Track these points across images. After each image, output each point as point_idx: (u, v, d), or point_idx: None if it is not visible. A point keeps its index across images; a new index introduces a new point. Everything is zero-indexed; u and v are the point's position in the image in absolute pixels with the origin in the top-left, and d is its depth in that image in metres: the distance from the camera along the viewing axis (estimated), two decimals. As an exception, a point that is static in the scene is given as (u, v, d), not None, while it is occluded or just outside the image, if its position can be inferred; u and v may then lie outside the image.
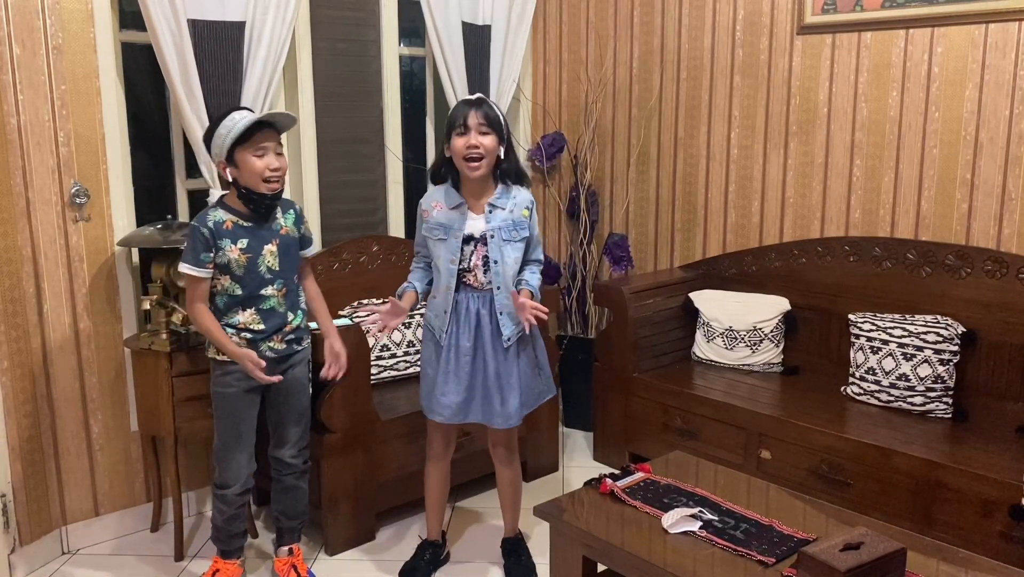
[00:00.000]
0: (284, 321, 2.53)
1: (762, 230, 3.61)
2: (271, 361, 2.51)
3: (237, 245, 2.44)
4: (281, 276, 2.51)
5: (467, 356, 2.49)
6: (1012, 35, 2.87)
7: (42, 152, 2.73)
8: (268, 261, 2.48)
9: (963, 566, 1.94)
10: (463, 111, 2.40)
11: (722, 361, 3.47)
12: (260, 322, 2.49)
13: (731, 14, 3.58)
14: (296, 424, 2.65)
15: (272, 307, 2.50)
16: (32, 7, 2.65)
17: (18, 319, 2.73)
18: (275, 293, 2.50)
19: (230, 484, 2.57)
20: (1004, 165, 2.94)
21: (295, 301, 2.58)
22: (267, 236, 2.49)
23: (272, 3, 2.97)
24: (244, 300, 2.47)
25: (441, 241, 2.48)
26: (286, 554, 2.73)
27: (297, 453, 2.67)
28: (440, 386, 2.51)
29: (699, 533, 2.05)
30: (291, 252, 2.55)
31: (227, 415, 2.55)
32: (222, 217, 2.45)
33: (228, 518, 2.61)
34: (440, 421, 2.55)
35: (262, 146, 2.39)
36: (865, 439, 2.73)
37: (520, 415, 2.54)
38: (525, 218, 2.51)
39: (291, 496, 2.70)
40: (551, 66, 4.21)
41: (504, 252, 2.47)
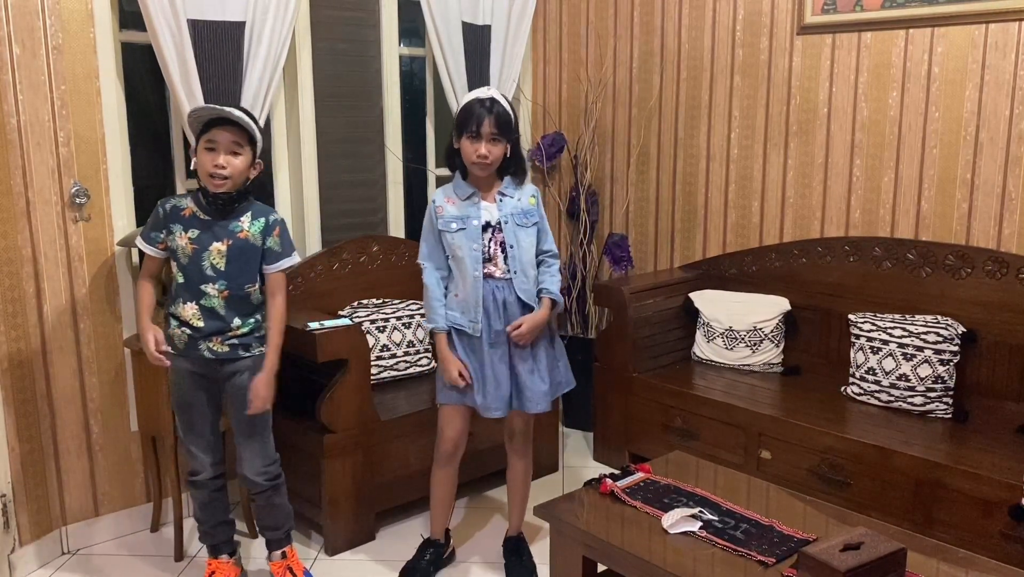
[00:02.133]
0: (226, 325, 2.45)
1: (762, 230, 3.61)
2: (210, 362, 2.46)
3: (187, 234, 2.42)
4: (225, 278, 2.43)
5: (503, 346, 2.52)
6: (1012, 35, 2.87)
7: (42, 152, 2.73)
8: (213, 259, 2.42)
9: (963, 566, 1.94)
10: (478, 114, 2.41)
11: (722, 361, 3.47)
12: (199, 319, 2.43)
13: (731, 14, 3.58)
14: (250, 438, 2.54)
15: (213, 307, 2.43)
16: (32, 7, 2.65)
17: (18, 319, 2.73)
18: (215, 293, 2.43)
19: (197, 471, 2.57)
20: (1004, 165, 2.94)
21: (243, 310, 2.47)
22: (220, 234, 2.43)
23: (272, 3, 2.97)
24: (186, 292, 2.44)
25: (461, 231, 2.50)
26: (280, 558, 2.70)
27: (261, 470, 2.56)
28: (491, 381, 2.53)
29: (699, 533, 2.05)
30: (244, 258, 2.45)
31: (179, 406, 2.55)
32: (184, 204, 2.44)
33: (202, 505, 2.60)
34: (499, 416, 2.55)
35: (212, 140, 2.34)
36: (865, 439, 2.73)
37: (549, 400, 2.58)
38: (532, 206, 2.58)
39: (267, 513, 2.64)
40: (551, 66, 4.21)
41: (519, 237, 2.52)
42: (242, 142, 2.37)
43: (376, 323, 3.25)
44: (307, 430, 2.87)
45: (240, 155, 2.37)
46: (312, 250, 3.42)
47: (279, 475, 2.62)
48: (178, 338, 2.46)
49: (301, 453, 2.91)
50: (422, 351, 3.37)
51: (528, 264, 2.55)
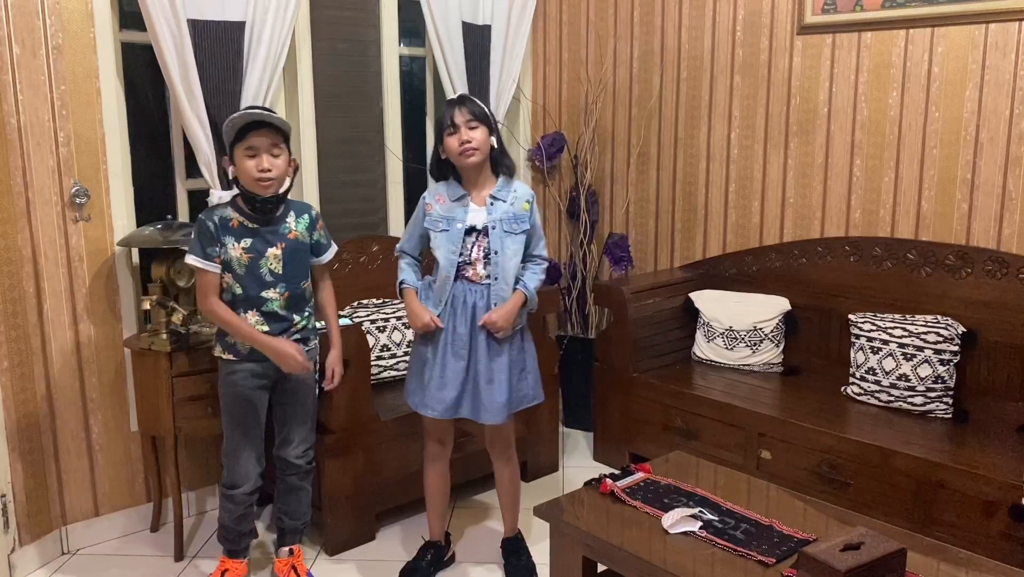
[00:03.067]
0: (289, 323, 2.52)
1: (762, 230, 3.61)
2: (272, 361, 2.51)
3: (240, 244, 2.44)
4: (284, 280, 2.49)
5: (463, 349, 2.49)
6: (1012, 35, 2.87)
7: (42, 152, 2.73)
8: (271, 264, 2.47)
9: (963, 566, 1.94)
10: (449, 112, 2.45)
11: (722, 361, 3.47)
12: (264, 323, 2.48)
13: (731, 14, 3.58)
14: (301, 424, 2.64)
15: (274, 310, 2.49)
16: (32, 7, 2.65)
17: (18, 319, 2.73)
18: (277, 296, 2.49)
19: (239, 484, 2.57)
20: (1004, 165, 2.94)
21: (301, 305, 2.55)
22: (272, 239, 2.47)
23: (272, 3, 2.97)
24: (245, 300, 2.46)
25: (443, 232, 2.49)
26: (286, 555, 2.73)
27: (302, 453, 2.66)
28: (436, 380, 2.51)
29: (699, 533, 2.05)
30: (298, 257, 2.53)
31: (235, 415, 2.54)
32: (229, 215, 2.45)
33: (237, 518, 2.61)
34: (433, 416, 2.53)
35: (252, 145, 2.36)
36: (865, 439, 2.73)
37: (506, 412, 2.53)
38: (525, 212, 2.53)
39: (295, 496, 2.69)
40: (551, 66, 4.21)
41: (505, 244, 2.48)
42: (279, 142, 2.41)
43: (376, 323, 3.25)
44: (307, 430, 2.87)
45: (280, 155, 2.41)
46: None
47: (314, 459, 2.70)
48: (241, 344, 2.48)
49: (301, 453, 2.91)
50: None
51: (511, 271, 2.50)
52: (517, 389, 2.57)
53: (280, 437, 2.66)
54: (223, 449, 2.59)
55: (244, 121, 2.36)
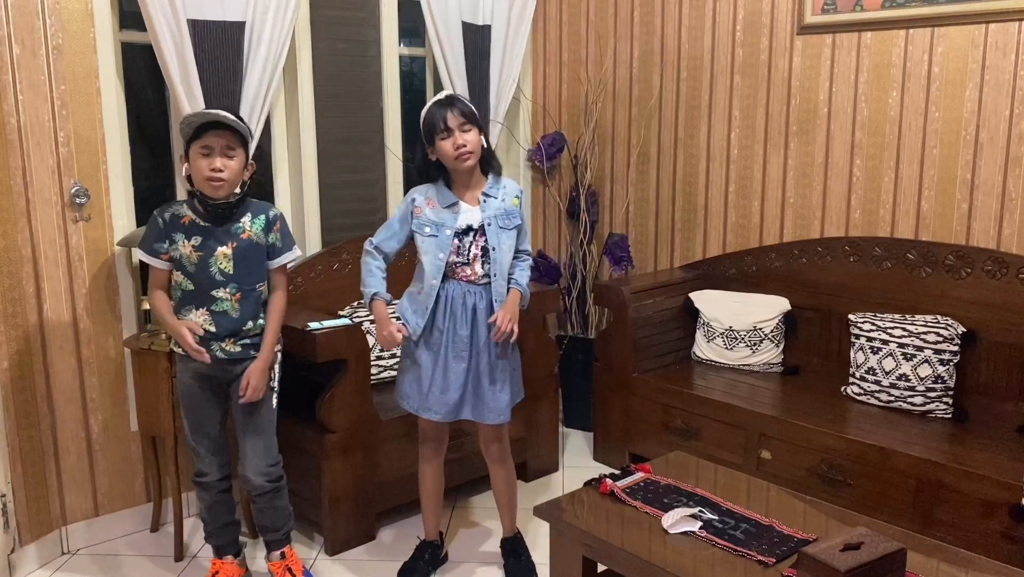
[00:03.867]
0: (239, 326, 2.46)
1: (762, 230, 3.61)
2: (223, 362, 2.46)
3: (190, 242, 2.41)
4: (235, 281, 2.43)
5: (465, 352, 2.49)
6: (1012, 35, 2.87)
7: (42, 152, 2.73)
8: (220, 263, 2.42)
9: (963, 566, 1.94)
10: (440, 114, 2.43)
11: (722, 361, 3.47)
12: (212, 324, 2.43)
13: (731, 14, 3.58)
14: (254, 435, 2.54)
15: (224, 310, 2.44)
16: (32, 7, 2.65)
17: (18, 319, 2.73)
18: (227, 297, 2.43)
19: (204, 473, 2.58)
20: (1004, 165, 2.94)
21: (254, 309, 2.48)
22: (223, 237, 2.43)
23: (272, 3, 2.97)
24: (195, 298, 2.43)
25: (432, 237, 2.47)
26: (279, 558, 2.70)
27: (264, 470, 2.55)
28: (439, 383, 2.50)
29: (699, 533, 2.05)
30: (251, 258, 2.46)
31: (186, 407, 2.55)
32: (181, 212, 2.43)
33: (209, 506, 2.60)
34: (436, 420, 2.54)
35: (207, 144, 2.33)
36: (865, 439, 2.73)
37: (508, 411, 2.55)
38: (516, 207, 2.54)
39: (268, 515, 2.62)
40: (551, 66, 4.21)
41: (500, 239, 2.49)
42: (235, 144, 2.37)
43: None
44: (307, 430, 2.87)
45: (235, 157, 2.37)
46: (312, 250, 3.42)
47: (281, 476, 2.61)
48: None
49: (301, 453, 2.91)
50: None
51: (507, 267, 2.52)
52: (514, 387, 2.59)
53: (240, 452, 2.59)
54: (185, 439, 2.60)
55: (201, 120, 2.33)
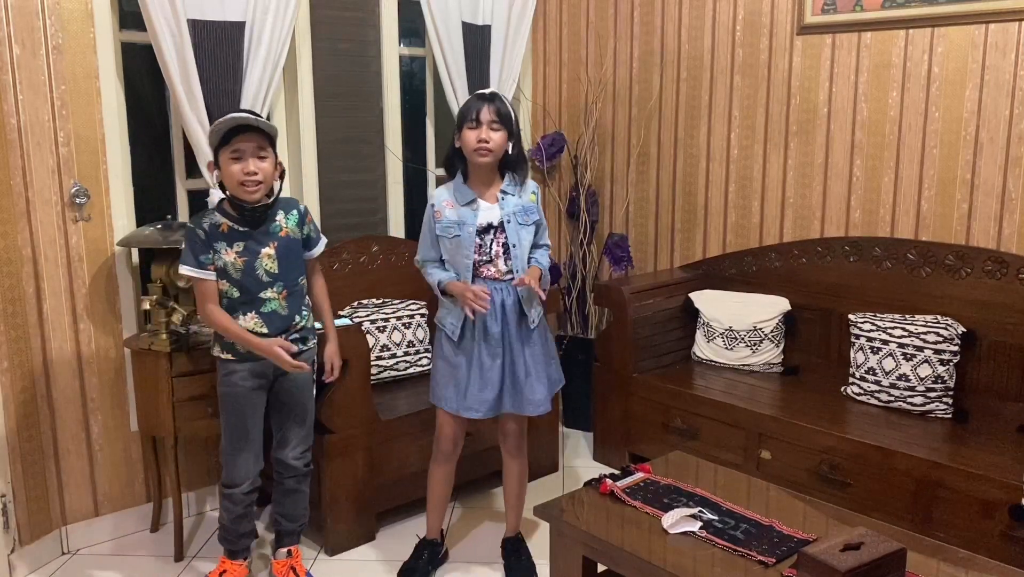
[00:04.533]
0: (288, 323, 2.52)
1: (762, 230, 3.61)
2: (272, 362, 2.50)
3: (233, 249, 2.43)
4: (281, 279, 2.49)
5: (498, 348, 2.52)
6: (1012, 35, 2.87)
7: (42, 152, 2.73)
8: (266, 264, 2.46)
9: (963, 566, 1.94)
10: (476, 105, 2.45)
11: (722, 361, 3.47)
12: (263, 325, 2.47)
13: (731, 14, 3.58)
14: (299, 424, 2.64)
15: (274, 309, 2.49)
16: (32, 7, 2.65)
17: (18, 319, 2.73)
18: (275, 296, 2.48)
19: (237, 483, 2.57)
20: (1004, 165, 2.94)
21: (298, 303, 2.55)
22: (264, 239, 2.46)
23: (272, 3, 2.97)
24: (243, 303, 2.46)
25: (456, 238, 2.50)
26: (284, 556, 2.72)
27: (300, 455, 2.65)
28: (476, 381, 2.52)
29: (699, 533, 2.05)
30: (292, 254, 2.52)
31: (233, 414, 2.54)
32: (218, 220, 2.44)
33: (235, 517, 2.60)
34: (478, 417, 2.56)
35: (238, 148, 2.34)
36: (865, 439, 2.73)
37: (549, 401, 2.59)
38: (533, 203, 2.58)
39: (292, 499, 2.69)
40: (551, 66, 4.21)
41: (520, 236, 2.52)
42: (265, 145, 2.39)
43: (376, 323, 3.25)
44: (307, 430, 2.87)
45: (266, 158, 2.39)
46: (315, 252, 3.42)
47: (311, 462, 2.69)
48: (240, 346, 2.47)
49: (301, 453, 2.91)
50: (422, 351, 3.37)
51: (526, 262, 2.55)
52: (551, 375, 2.63)
53: (277, 438, 2.65)
54: (221, 448, 2.59)
55: (230, 125, 2.33)
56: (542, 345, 2.60)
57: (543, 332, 2.62)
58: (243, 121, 2.34)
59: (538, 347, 2.58)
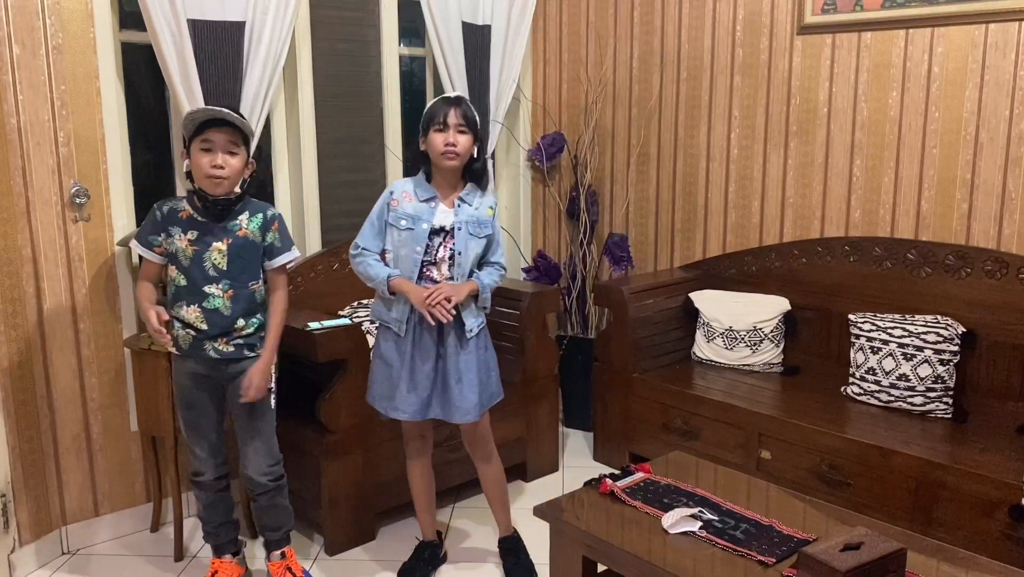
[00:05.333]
0: (230, 324, 2.45)
1: (762, 230, 3.61)
2: (216, 362, 2.47)
3: (186, 236, 2.41)
4: (228, 278, 2.43)
5: (431, 351, 2.50)
6: (1012, 35, 2.87)
7: (42, 152, 2.73)
8: (214, 258, 2.42)
9: (963, 566, 1.94)
10: (443, 108, 2.44)
11: (722, 361, 3.47)
12: (203, 321, 2.43)
13: (731, 14, 3.58)
14: (253, 437, 2.55)
15: (216, 308, 2.43)
16: (32, 7, 2.65)
17: (18, 319, 2.73)
18: (220, 293, 2.42)
19: (200, 472, 2.57)
20: (1004, 165, 2.94)
21: (247, 307, 2.46)
22: (219, 234, 2.42)
23: (272, 3, 2.98)
24: (188, 294, 2.43)
25: (408, 231, 2.48)
26: (279, 558, 2.70)
27: (265, 470, 2.57)
28: (406, 382, 2.51)
29: (699, 533, 2.05)
30: (246, 256, 2.45)
31: (182, 406, 2.55)
32: (181, 206, 2.43)
33: (206, 505, 2.60)
34: (404, 419, 2.54)
35: (209, 139, 2.32)
36: (865, 439, 2.73)
37: (479, 411, 2.54)
38: (489, 217, 2.54)
39: (270, 513, 2.63)
40: (551, 66, 4.21)
41: (468, 245, 2.49)
42: (237, 142, 2.38)
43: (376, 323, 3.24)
44: (307, 430, 2.87)
45: (236, 155, 2.38)
46: (312, 250, 3.42)
47: (282, 475, 2.62)
48: (182, 339, 2.45)
49: (301, 453, 2.91)
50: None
51: (469, 274, 2.51)
52: (487, 387, 2.58)
53: (240, 453, 2.60)
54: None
55: (205, 116, 2.33)
56: (478, 354, 2.54)
57: (483, 342, 2.57)
58: (218, 115, 2.33)
59: (473, 356, 2.52)
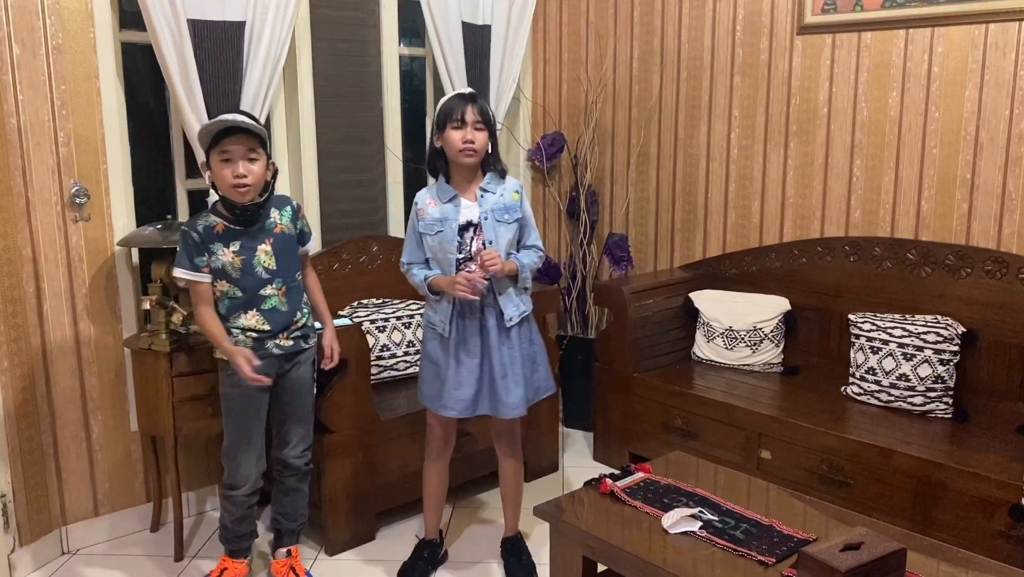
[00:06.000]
0: (290, 319, 2.53)
1: (762, 230, 3.61)
2: (278, 358, 2.51)
3: (230, 248, 2.43)
4: (280, 275, 2.50)
5: (476, 347, 2.51)
6: (1012, 35, 2.87)
7: (42, 152, 2.73)
8: (264, 261, 2.46)
9: (963, 566, 1.94)
10: (460, 105, 2.44)
11: (722, 361, 3.47)
12: (265, 322, 2.48)
13: (731, 14, 3.58)
14: (299, 423, 2.64)
15: (274, 306, 2.49)
16: (32, 7, 2.65)
17: (18, 319, 2.73)
18: (275, 292, 2.49)
19: (239, 485, 2.57)
20: (1004, 165, 2.94)
21: (298, 299, 2.56)
22: (260, 236, 2.47)
23: (272, 3, 2.97)
24: (245, 302, 2.46)
25: (439, 234, 2.50)
26: (284, 556, 2.72)
27: (301, 453, 2.66)
28: (452, 380, 2.52)
29: (699, 533, 2.05)
30: (288, 250, 2.53)
31: (236, 416, 2.54)
32: (212, 221, 2.44)
33: (237, 519, 2.61)
34: (453, 416, 2.55)
35: (227, 151, 2.34)
36: (865, 439, 2.73)
37: (524, 405, 2.56)
38: (516, 201, 2.55)
39: (292, 498, 2.69)
40: (551, 66, 4.21)
41: (498, 233, 2.50)
42: (255, 147, 2.39)
43: (376, 323, 3.25)
44: (307, 430, 2.87)
45: (257, 160, 2.39)
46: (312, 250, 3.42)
47: (311, 460, 2.70)
48: (242, 343, 2.47)
49: (301, 453, 2.91)
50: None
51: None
52: (531, 382, 2.60)
53: (278, 437, 2.66)
54: (223, 449, 2.59)
55: (219, 127, 2.33)
56: (521, 346, 2.55)
57: (526, 334, 2.58)
58: (231, 123, 2.33)
59: (516, 348, 2.54)
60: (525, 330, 2.58)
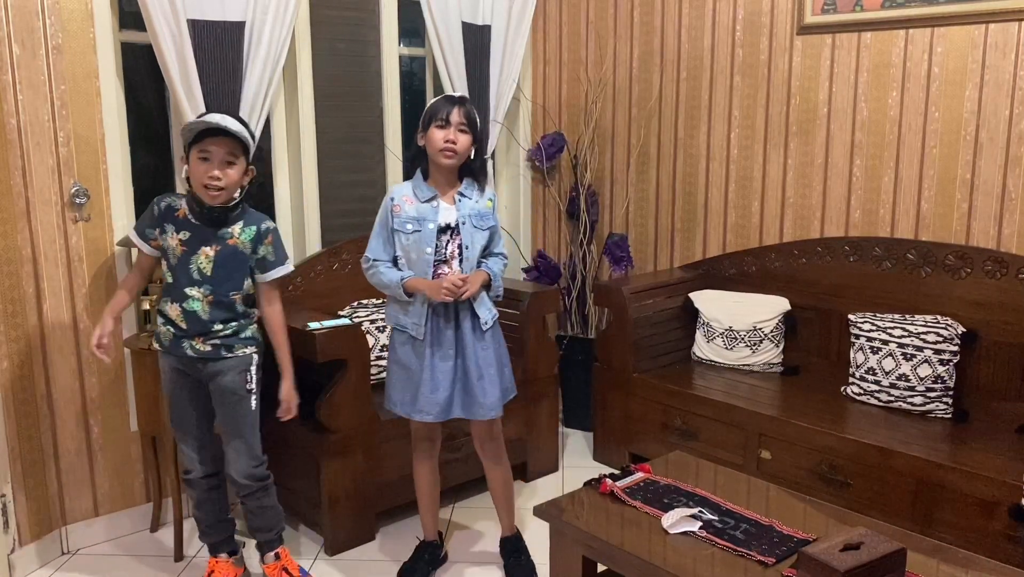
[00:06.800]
0: (206, 328, 2.44)
1: (762, 230, 3.61)
2: (193, 360, 2.46)
3: (179, 235, 2.42)
4: (211, 284, 2.42)
5: (451, 350, 2.50)
6: (1012, 35, 2.87)
7: (42, 152, 2.73)
8: (201, 263, 2.42)
9: (963, 566, 1.94)
10: (446, 107, 2.45)
11: (722, 361, 3.47)
12: (182, 320, 2.43)
13: (731, 14, 3.58)
14: (235, 437, 2.53)
15: (195, 310, 2.42)
16: (32, 7, 2.65)
17: (18, 319, 2.73)
18: (200, 297, 2.42)
19: (189, 469, 2.58)
20: (1004, 165, 2.94)
21: (224, 315, 2.45)
22: (211, 239, 2.42)
23: (272, 3, 2.98)
24: (172, 292, 2.44)
25: (415, 233, 2.47)
26: (274, 559, 2.69)
27: (247, 472, 2.54)
28: (428, 383, 2.50)
29: (699, 533, 2.05)
30: (232, 265, 2.44)
31: (167, 401, 2.57)
32: (179, 205, 2.44)
33: (197, 503, 2.61)
34: (429, 420, 2.53)
35: (207, 150, 2.33)
36: (865, 439, 2.73)
37: (500, 406, 2.55)
38: (489, 209, 2.55)
39: (258, 516, 2.62)
40: (551, 66, 4.21)
41: (474, 239, 2.51)
42: (236, 152, 2.37)
43: (376, 323, 3.25)
44: (307, 430, 2.87)
45: (235, 165, 2.38)
46: (312, 250, 3.42)
47: (267, 476, 2.59)
48: (164, 335, 2.47)
49: (301, 453, 2.91)
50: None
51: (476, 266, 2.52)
52: (503, 383, 2.58)
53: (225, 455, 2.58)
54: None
55: (204, 126, 2.32)
56: (495, 349, 2.55)
57: (497, 336, 2.58)
58: (214, 125, 2.32)
59: (491, 350, 2.54)
60: (496, 330, 2.58)
